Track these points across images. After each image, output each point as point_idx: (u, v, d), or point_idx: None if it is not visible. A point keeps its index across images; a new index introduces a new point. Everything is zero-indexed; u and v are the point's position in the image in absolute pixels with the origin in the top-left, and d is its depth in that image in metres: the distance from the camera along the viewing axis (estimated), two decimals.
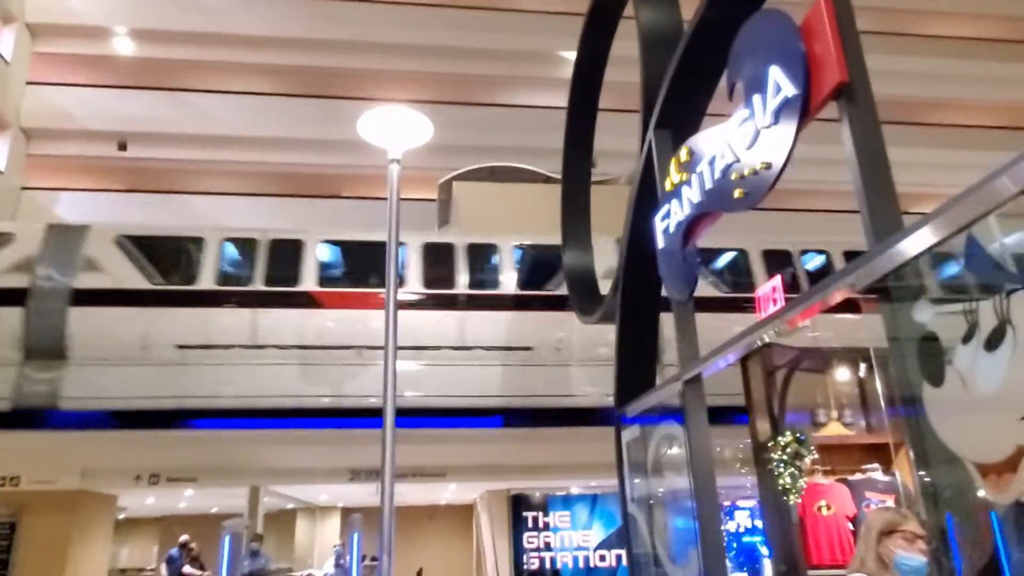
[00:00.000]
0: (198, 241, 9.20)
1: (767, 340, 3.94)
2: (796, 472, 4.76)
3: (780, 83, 3.03)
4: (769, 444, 4.99)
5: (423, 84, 20.43)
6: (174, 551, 15.26)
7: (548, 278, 9.99)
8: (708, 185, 3.76)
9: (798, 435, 4.85)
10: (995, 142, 18.05)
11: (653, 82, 5.11)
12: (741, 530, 10.16)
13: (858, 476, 5.05)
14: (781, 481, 4.71)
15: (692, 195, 3.96)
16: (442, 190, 14.52)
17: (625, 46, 7.14)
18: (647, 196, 5.16)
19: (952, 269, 2.56)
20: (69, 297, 8.37)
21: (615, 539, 11.21)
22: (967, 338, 2.68)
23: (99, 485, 9.43)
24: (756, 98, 3.23)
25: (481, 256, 10.20)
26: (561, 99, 20.56)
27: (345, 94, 20.18)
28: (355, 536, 8.35)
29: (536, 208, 12.74)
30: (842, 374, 5.25)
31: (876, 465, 4.92)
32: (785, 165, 3.05)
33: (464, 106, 19.81)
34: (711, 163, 3.71)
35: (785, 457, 4.77)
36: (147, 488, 9.17)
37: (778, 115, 3.05)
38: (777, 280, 3.53)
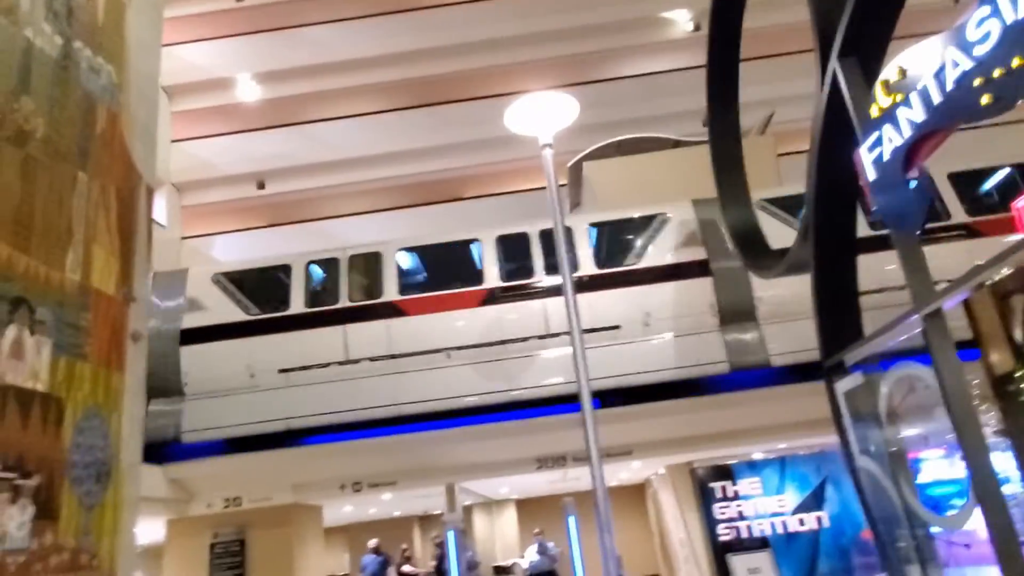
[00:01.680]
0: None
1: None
2: None
3: None
4: (1016, 375, 4.58)
5: (531, 74, 20.42)
6: (366, 558, 16.09)
7: None
8: (937, 99, 3.46)
9: None
10: None
11: (827, 11, 4.83)
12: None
13: None
14: None
15: (913, 115, 3.67)
16: (571, 172, 14.42)
17: None
18: (836, 130, 4.87)
19: None
20: None
21: (812, 502, 10.75)
22: None
23: (309, 497, 10.08)
24: None
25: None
26: (670, 62, 19.74)
27: (456, 97, 20.53)
28: (571, 520, 8.41)
29: (672, 174, 12.43)
30: None
31: None
32: None
33: (577, 87, 19.62)
34: (938, 75, 3.41)
35: None
36: (349, 496, 9.69)
37: None
38: None
